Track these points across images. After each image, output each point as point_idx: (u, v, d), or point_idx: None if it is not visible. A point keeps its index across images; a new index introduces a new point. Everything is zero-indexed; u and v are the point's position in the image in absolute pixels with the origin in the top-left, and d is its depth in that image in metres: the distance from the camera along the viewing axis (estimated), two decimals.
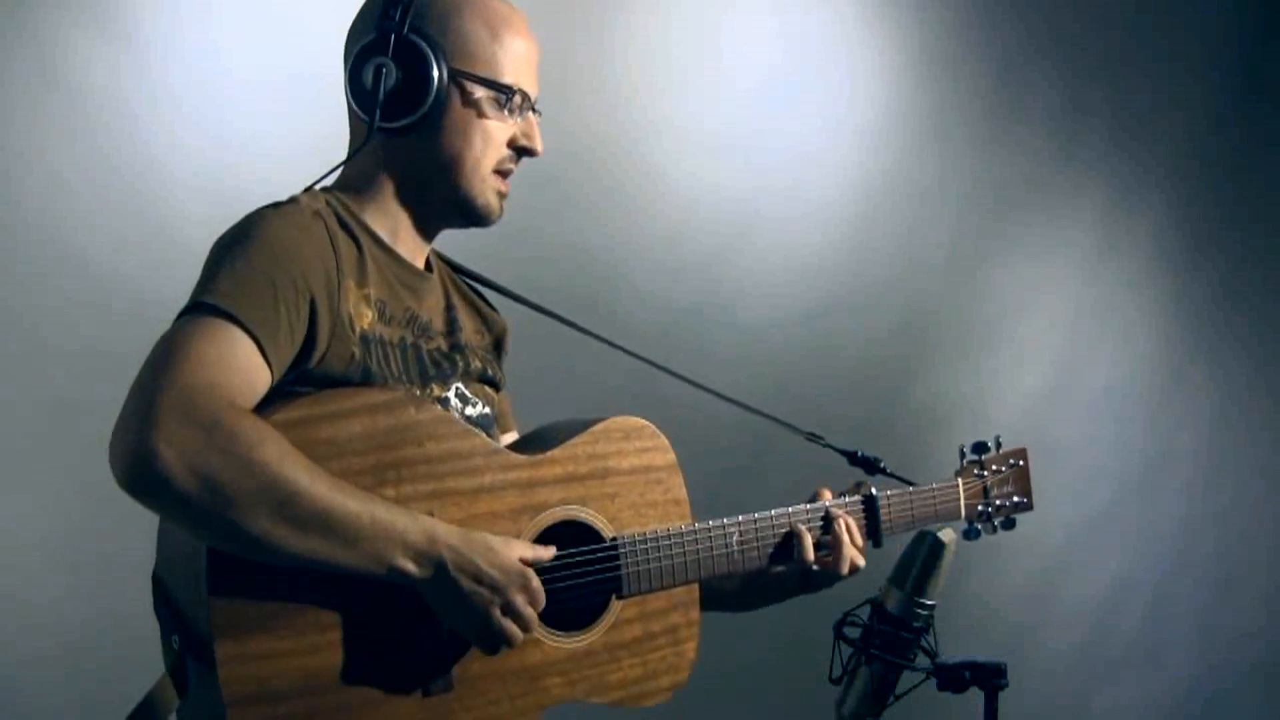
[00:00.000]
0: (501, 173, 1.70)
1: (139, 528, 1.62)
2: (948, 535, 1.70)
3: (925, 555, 1.69)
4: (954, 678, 1.64)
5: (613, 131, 3.18)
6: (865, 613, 1.72)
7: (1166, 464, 4.25)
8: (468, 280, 1.88)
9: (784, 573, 1.92)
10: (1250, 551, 4.38)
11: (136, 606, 1.66)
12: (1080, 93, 4.00)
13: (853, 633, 1.71)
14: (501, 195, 1.71)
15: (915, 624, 1.69)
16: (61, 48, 2.52)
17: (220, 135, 2.67)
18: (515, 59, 1.68)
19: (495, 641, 1.56)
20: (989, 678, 1.63)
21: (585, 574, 1.69)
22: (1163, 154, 4.15)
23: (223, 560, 1.43)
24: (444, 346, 1.73)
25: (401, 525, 1.47)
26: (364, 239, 1.64)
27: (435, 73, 1.62)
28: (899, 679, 1.71)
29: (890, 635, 1.69)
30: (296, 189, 1.64)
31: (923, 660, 1.70)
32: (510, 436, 1.87)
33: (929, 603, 1.69)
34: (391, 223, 1.69)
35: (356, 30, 1.70)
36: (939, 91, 3.77)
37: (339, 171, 1.70)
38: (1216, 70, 4.21)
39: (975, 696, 1.65)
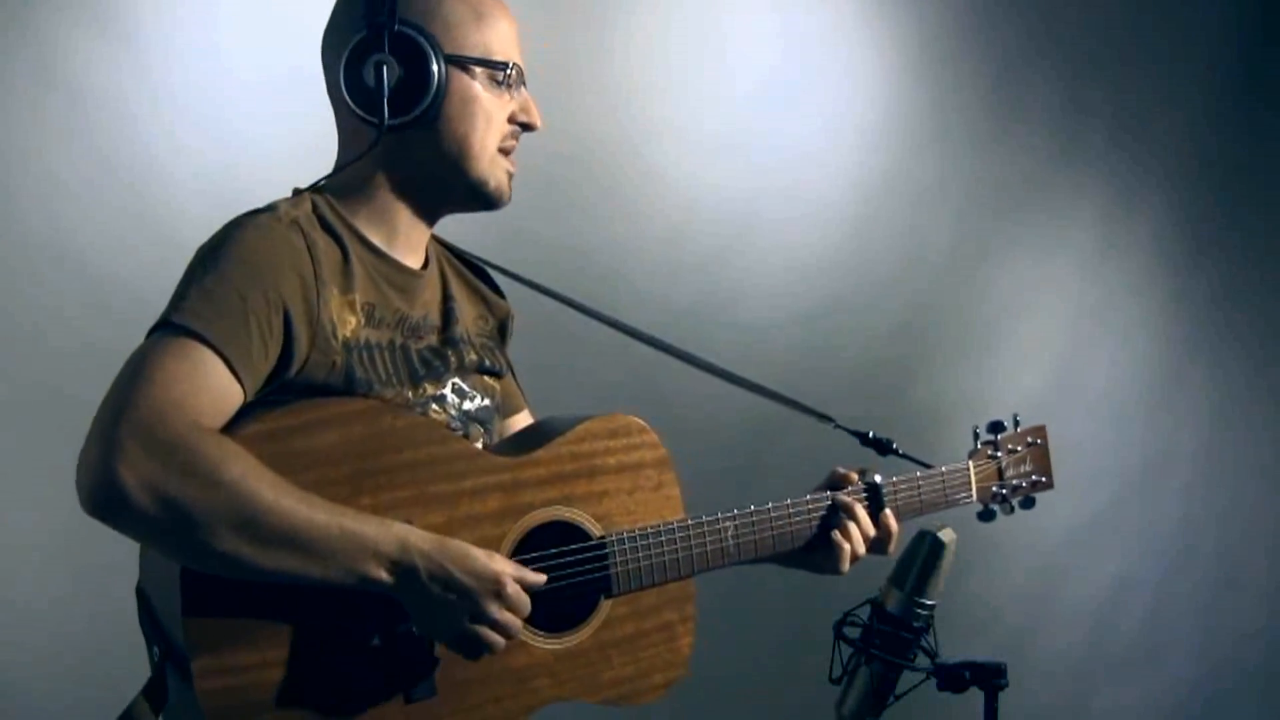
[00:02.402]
0: (505, 151, 1.69)
1: None
2: (948, 535, 1.70)
3: (925, 555, 1.69)
4: (954, 678, 1.64)
5: (613, 132, 3.18)
6: (865, 613, 1.72)
7: (1166, 464, 4.25)
8: (469, 265, 1.86)
9: (788, 555, 1.90)
10: (1250, 551, 4.38)
11: (135, 608, 1.66)
12: (1080, 93, 3.99)
13: (853, 633, 1.71)
14: (509, 175, 1.70)
15: (915, 624, 1.69)
16: (62, 48, 2.52)
17: (220, 135, 2.67)
18: (501, 36, 1.67)
19: (472, 648, 1.54)
20: (989, 678, 1.63)
21: (572, 575, 1.68)
22: (1163, 154, 4.15)
23: (197, 577, 1.43)
24: (436, 343, 1.71)
25: (373, 535, 1.46)
26: (351, 243, 1.62)
27: (434, 63, 1.60)
28: (899, 679, 1.71)
29: (890, 635, 1.69)
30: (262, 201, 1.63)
31: (923, 660, 1.70)
32: (521, 417, 1.87)
33: (929, 603, 1.69)
34: (386, 222, 1.67)
35: (337, 30, 1.66)
36: (939, 91, 3.77)
37: (333, 174, 1.68)
38: (1216, 70, 4.21)
39: (975, 696, 1.65)
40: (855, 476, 1.96)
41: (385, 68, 1.59)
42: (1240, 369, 4.35)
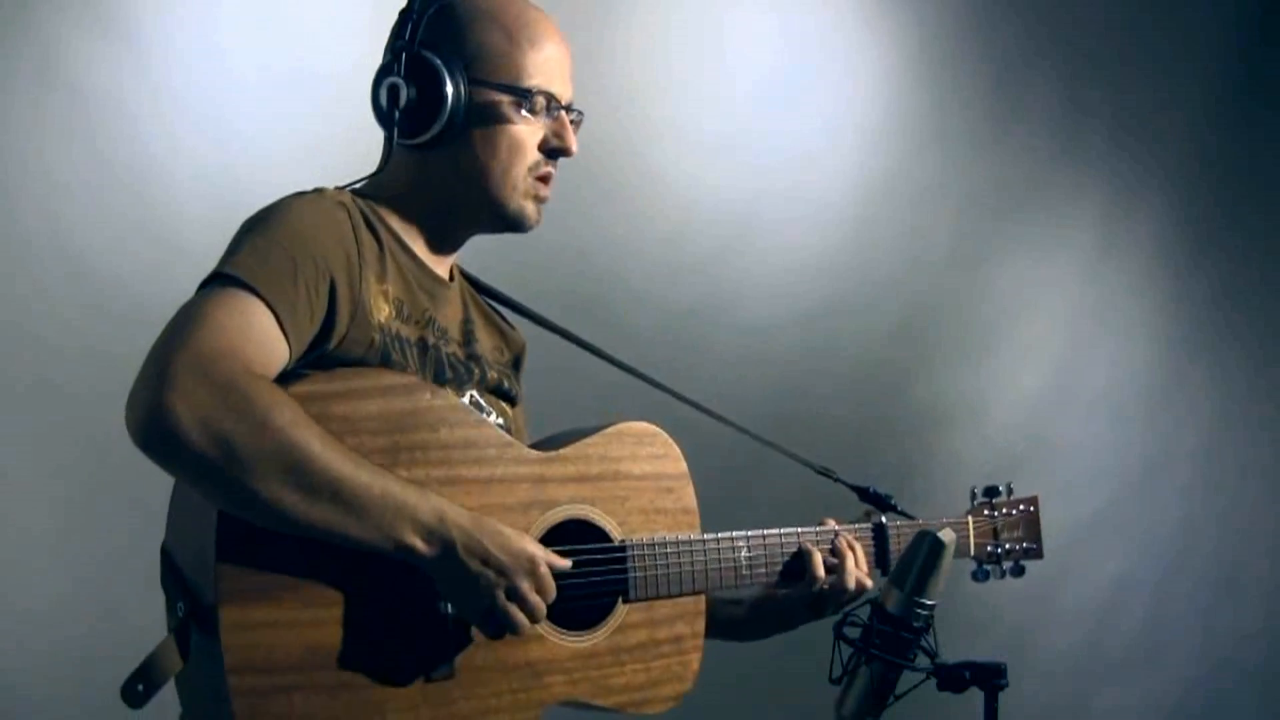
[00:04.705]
0: (539, 178, 1.71)
1: (138, 527, 1.62)
2: (948, 535, 1.69)
3: (925, 555, 1.69)
4: (954, 678, 1.64)
5: (613, 132, 3.18)
6: (865, 613, 1.72)
7: (1166, 464, 4.25)
8: (487, 299, 1.88)
9: (791, 596, 1.92)
10: (1250, 551, 4.38)
11: (136, 605, 1.67)
12: (1080, 93, 4.00)
13: (853, 633, 1.71)
14: (539, 200, 1.72)
15: (915, 624, 1.69)
16: (63, 48, 2.53)
17: (220, 136, 2.67)
18: (538, 62, 1.68)
19: (499, 626, 1.55)
20: (989, 678, 1.63)
21: (592, 574, 1.69)
22: (1163, 154, 4.15)
23: (233, 527, 1.44)
24: (460, 354, 1.73)
25: (413, 501, 1.48)
26: (387, 239, 1.65)
27: (449, 87, 1.63)
28: (899, 679, 1.71)
29: (890, 635, 1.68)
30: (296, 190, 1.64)
31: (923, 660, 1.69)
32: None
33: (929, 603, 1.69)
34: (416, 231, 1.71)
35: (385, 52, 1.71)
36: (939, 91, 3.77)
37: (367, 181, 1.72)
38: (1216, 70, 4.21)
39: (975, 696, 1.65)
40: (835, 524, 1.98)
41: (397, 90, 1.63)
42: (1240, 369, 4.35)
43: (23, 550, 2.49)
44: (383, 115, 1.67)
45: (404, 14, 1.69)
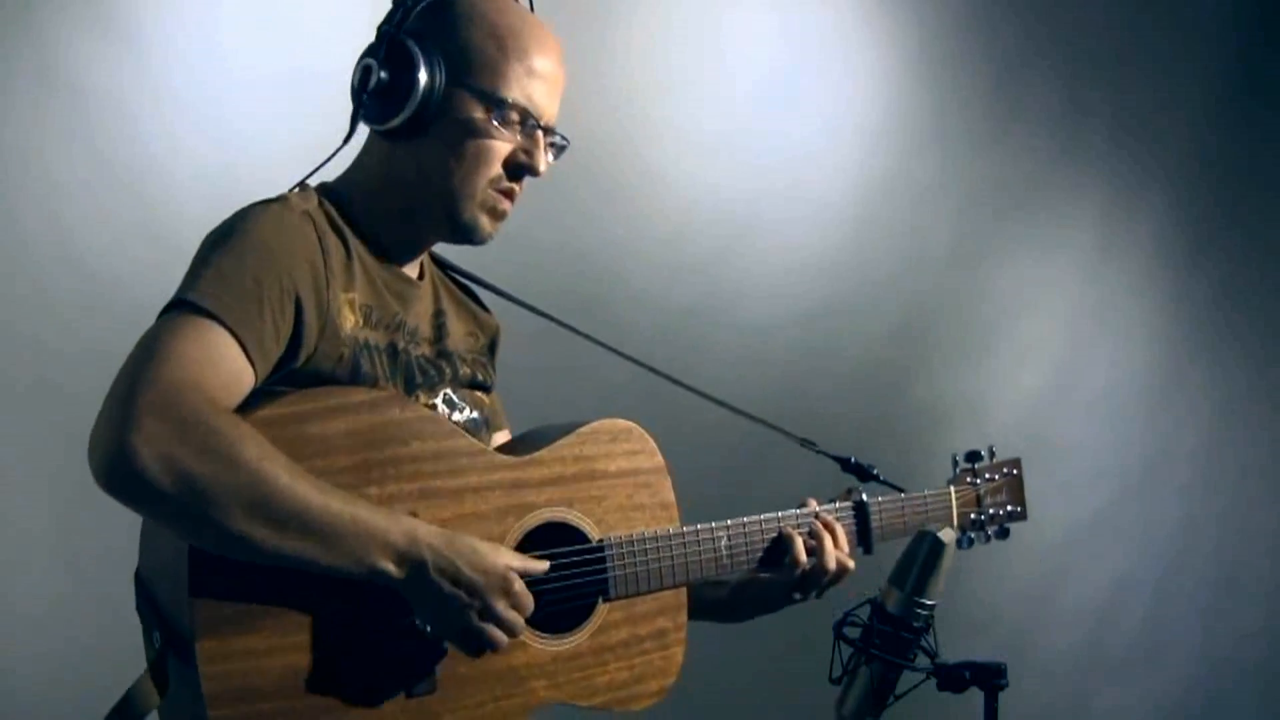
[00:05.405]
0: (501, 191, 1.66)
1: (138, 527, 1.61)
2: (948, 535, 1.70)
3: (925, 555, 1.69)
4: (954, 678, 1.64)
5: (613, 132, 3.18)
6: (865, 613, 1.72)
7: (1166, 464, 4.25)
8: (460, 281, 1.86)
9: (774, 580, 1.91)
10: (1250, 551, 4.38)
11: (134, 607, 1.66)
12: (1080, 93, 4.00)
13: (853, 633, 1.71)
14: (496, 214, 1.67)
15: (915, 624, 1.69)
16: (63, 48, 2.52)
17: (220, 136, 2.67)
18: (524, 76, 1.64)
19: (476, 645, 1.55)
20: (989, 678, 1.63)
21: (572, 576, 1.68)
22: (1163, 154, 4.15)
23: (205, 559, 1.43)
24: (430, 354, 1.72)
25: (383, 525, 1.46)
26: (354, 243, 1.62)
27: (422, 76, 1.59)
28: (899, 679, 1.71)
29: (890, 635, 1.69)
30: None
31: (923, 660, 1.70)
32: (502, 436, 1.86)
33: (929, 603, 1.69)
34: (386, 227, 1.67)
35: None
36: (939, 91, 3.78)
37: (345, 170, 1.70)
38: (1216, 70, 4.22)
39: (975, 696, 1.65)
40: (816, 504, 1.97)
41: (370, 70, 1.61)
42: (1240, 369, 4.35)
43: (23, 550, 2.49)
44: (352, 94, 1.64)
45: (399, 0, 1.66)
